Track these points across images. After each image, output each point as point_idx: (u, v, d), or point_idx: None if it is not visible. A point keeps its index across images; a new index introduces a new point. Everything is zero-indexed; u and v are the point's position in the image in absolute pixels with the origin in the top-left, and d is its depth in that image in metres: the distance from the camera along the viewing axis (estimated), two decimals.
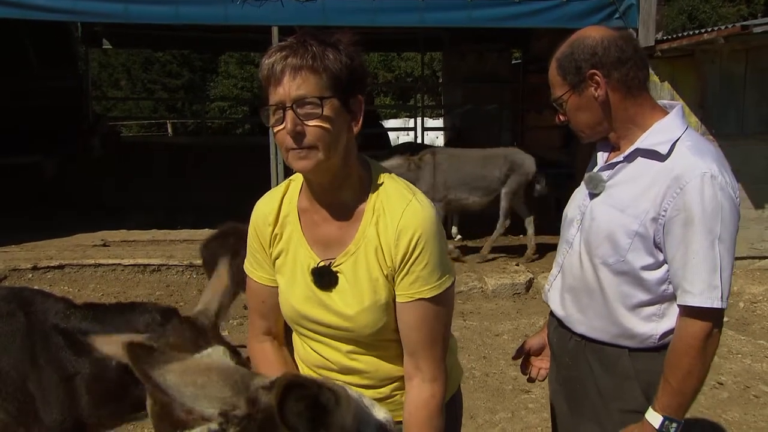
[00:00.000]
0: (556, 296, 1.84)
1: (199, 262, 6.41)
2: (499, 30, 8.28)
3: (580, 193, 1.80)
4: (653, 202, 1.57)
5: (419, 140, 10.51)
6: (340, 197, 1.44)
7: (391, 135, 12.47)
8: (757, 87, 6.50)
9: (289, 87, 1.31)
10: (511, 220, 7.07)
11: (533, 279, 6.28)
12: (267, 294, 1.54)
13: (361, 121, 1.41)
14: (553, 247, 6.84)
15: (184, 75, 27.26)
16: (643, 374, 1.65)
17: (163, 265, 6.37)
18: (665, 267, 1.60)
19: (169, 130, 19.11)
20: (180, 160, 9.58)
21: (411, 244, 1.37)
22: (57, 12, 6.26)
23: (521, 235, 7.92)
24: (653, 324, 1.64)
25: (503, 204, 7.00)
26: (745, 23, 5.64)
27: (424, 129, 10.56)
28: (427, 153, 6.83)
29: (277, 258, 1.51)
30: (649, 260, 1.61)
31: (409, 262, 1.38)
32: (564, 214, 1.86)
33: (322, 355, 1.50)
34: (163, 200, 8.94)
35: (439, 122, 13.91)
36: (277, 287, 1.53)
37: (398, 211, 1.39)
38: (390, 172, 1.49)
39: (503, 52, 9.99)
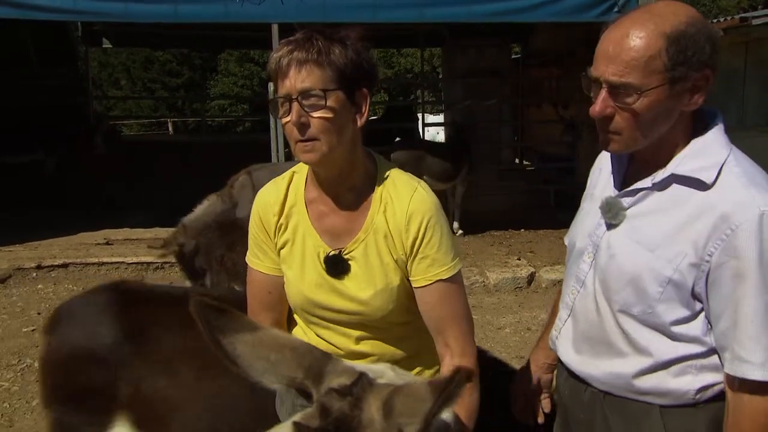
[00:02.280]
0: (566, 345, 1.52)
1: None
2: (499, 25, 8.27)
3: (590, 218, 1.47)
4: (694, 244, 1.25)
5: (420, 136, 10.54)
6: (347, 188, 1.48)
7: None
8: (758, 79, 6.53)
9: (295, 80, 1.36)
10: (506, 213, 7.07)
11: (535, 273, 6.30)
12: (273, 284, 1.56)
13: (366, 115, 1.44)
14: (552, 241, 6.86)
15: (184, 73, 27.25)
16: None
17: (166, 263, 6.40)
18: (703, 319, 1.30)
19: (170, 128, 19.14)
20: (181, 158, 9.60)
21: (421, 229, 1.43)
22: (58, 12, 6.27)
23: (522, 229, 7.95)
24: (689, 377, 1.33)
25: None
26: (744, 15, 5.65)
27: (424, 125, 10.58)
28: (242, 174, 5.73)
29: (282, 248, 1.53)
30: (685, 313, 1.30)
31: (422, 246, 1.43)
32: (569, 241, 1.58)
33: (330, 342, 1.53)
34: (165, 198, 8.96)
35: (439, 118, 13.92)
36: (281, 278, 1.55)
37: (406, 198, 1.45)
38: (394, 165, 1.54)
39: (503, 47, 9.96)
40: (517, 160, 11.24)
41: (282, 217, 1.52)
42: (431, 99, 16.66)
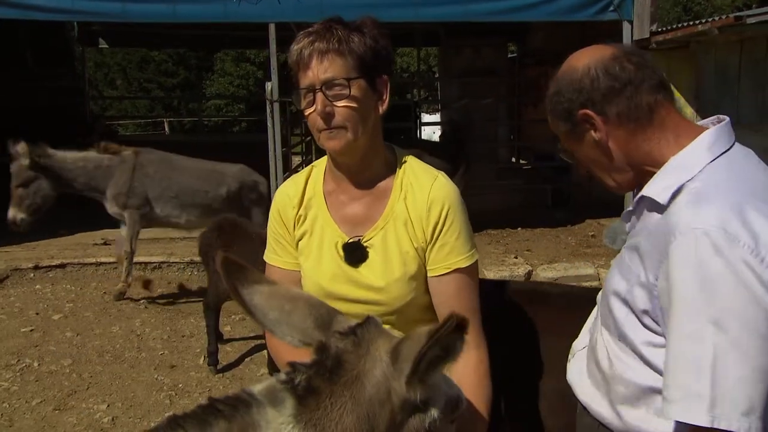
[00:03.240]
0: (575, 368, 1.47)
1: (199, 258, 6.47)
2: (495, 24, 8.30)
3: None
4: (645, 267, 1.21)
5: (417, 135, 10.55)
6: (367, 176, 1.49)
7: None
8: (752, 77, 6.56)
9: (318, 70, 1.36)
10: (503, 212, 7.06)
11: (532, 271, 6.32)
12: (292, 280, 1.55)
13: (387, 101, 1.45)
14: (549, 239, 6.88)
15: (180, 73, 27.20)
16: None
17: (164, 262, 6.41)
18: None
19: (166, 128, 19.11)
20: None
21: (442, 215, 1.44)
22: (56, 12, 6.27)
23: (519, 228, 7.98)
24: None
25: None
26: (738, 14, 5.68)
27: (421, 124, 10.59)
28: (131, 150, 5.72)
29: (300, 239, 1.53)
30: (649, 339, 1.22)
31: (442, 232, 1.44)
32: None
33: None
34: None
35: (436, 117, 13.93)
36: (299, 272, 1.55)
37: (427, 186, 1.46)
38: (410, 154, 1.55)
39: (499, 46, 9.99)
40: (513, 159, 11.27)
41: (301, 208, 1.53)
42: (427, 98, 16.68)
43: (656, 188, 1.25)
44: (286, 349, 1.55)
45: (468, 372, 1.43)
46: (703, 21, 6.14)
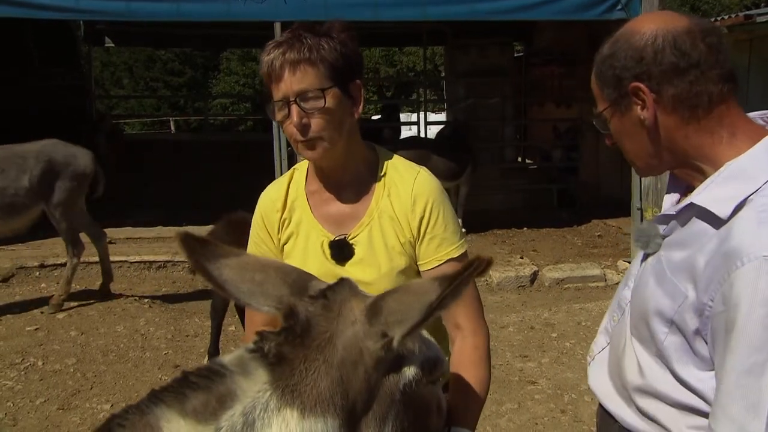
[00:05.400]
0: (598, 373, 1.39)
1: None
2: (502, 23, 8.27)
3: None
4: (696, 287, 1.09)
5: (422, 135, 10.52)
6: (349, 176, 1.49)
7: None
8: (762, 76, 6.50)
9: (291, 82, 1.35)
10: (508, 212, 7.05)
11: (537, 272, 6.29)
12: None
13: (362, 105, 1.45)
14: (554, 240, 6.85)
15: (186, 72, 27.30)
16: None
17: (169, 261, 6.41)
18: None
19: (172, 127, 19.16)
20: (184, 157, 9.61)
21: (427, 209, 1.44)
22: (61, 11, 6.27)
23: (525, 228, 7.94)
24: None
25: (62, 225, 5.22)
26: (748, 12, 5.63)
27: (427, 123, 10.57)
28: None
29: (285, 243, 1.53)
30: (692, 361, 1.13)
31: (429, 226, 1.45)
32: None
33: None
34: (167, 197, 8.97)
35: (442, 116, 13.90)
36: None
37: (410, 181, 1.47)
38: (393, 153, 1.56)
39: (505, 46, 9.96)
40: (519, 159, 11.23)
41: (285, 212, 1.53)
42: (433, 97, 16.66)
43: (713, 197, 1.10)
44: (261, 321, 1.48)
45: (462, 360, 1.44)
46: (712, 20, 6.09)
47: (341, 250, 1.47)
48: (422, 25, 9.42)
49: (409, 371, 1.00)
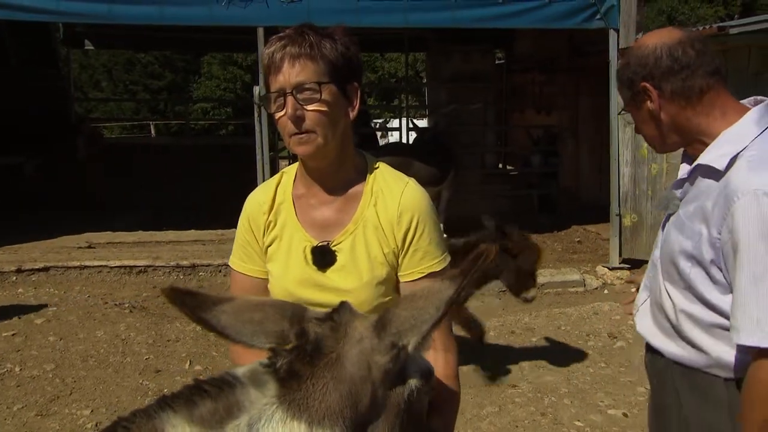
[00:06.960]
0: (644, 320, 1.72)
1: (185, 262, 6.42)
2: (483, 30, 8.35)
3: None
4: (708, 224, 1.44)
5: (404, 140, 10.56)
6: (338, 181, 1.49)
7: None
8: (734, 88, 6.61)
9: (289, 74, 1.37)
10: (494, 217, 7.07)
11: None
12: (256, 288, 1.56)
13: (357, 108, 1.46)
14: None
15: (167, 76, 27.08)
16: (737, 407, 1.45)
17: (150, 266, 6.36)
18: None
19: (152, 131, 18.98)
20: (164, 162, 9.54)
21: (413, 222, 1.45)
22: (41, 13, 6.22)
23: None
24: (746, 353, 1.42)
25: None
26: (721, 24, 5.76)
27: (408, 129, 10.61)
28: None
29: (269, 245, 1.53)
30: (714, 287, 1.47)
31: (414, 239, 1.45)
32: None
33: None
34: (147, 201, 8.90)
35: (423, 122, 13.97)
36: (266, 280, 1.55)
37: (397, 192, 1.47)
38: (381, 161, 1.56)
39: (487, 53, 10.04)
40: (500, 165, 11.32)
41: (271, 214, 1.53)
42: (415, 103, 16.72)
43: (712, 156, 1.47)
44: (248, 355, 1.53)
45: (437, 374, 1.46)
46: None
47: (323, 257, 1.47)
48: (404, 32, 9.47)
49: (413, 382, 1.03)
